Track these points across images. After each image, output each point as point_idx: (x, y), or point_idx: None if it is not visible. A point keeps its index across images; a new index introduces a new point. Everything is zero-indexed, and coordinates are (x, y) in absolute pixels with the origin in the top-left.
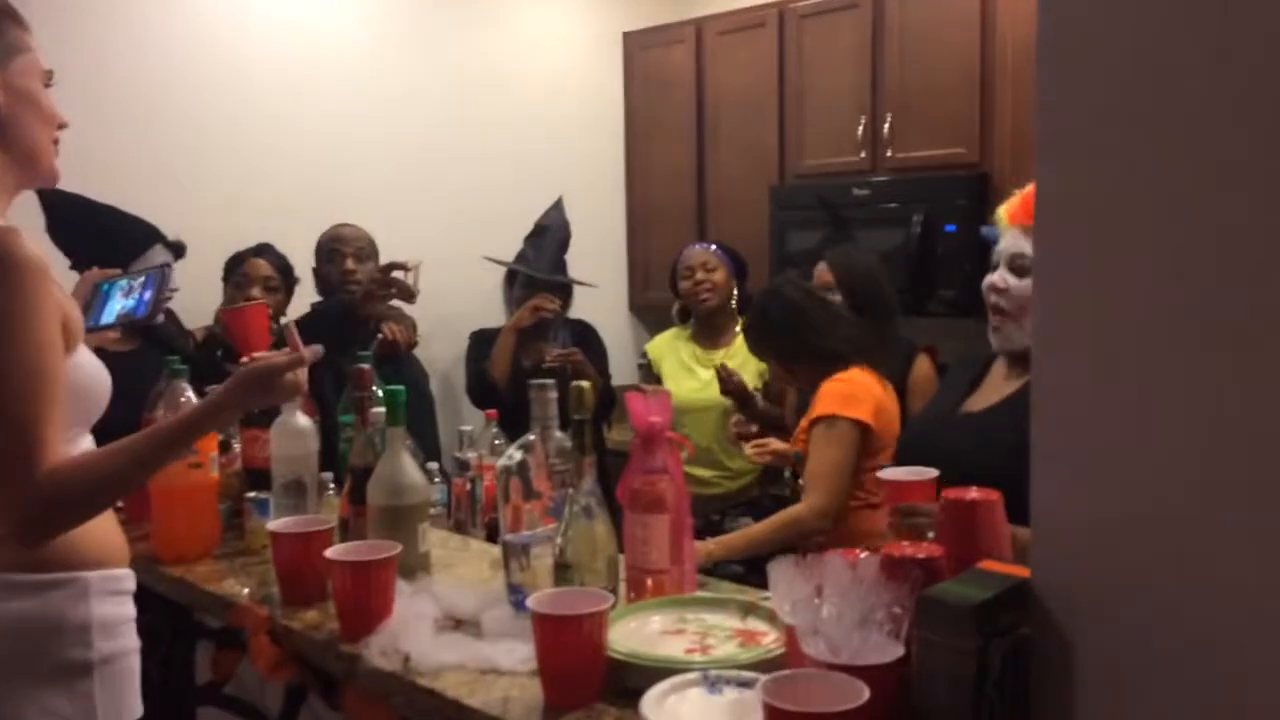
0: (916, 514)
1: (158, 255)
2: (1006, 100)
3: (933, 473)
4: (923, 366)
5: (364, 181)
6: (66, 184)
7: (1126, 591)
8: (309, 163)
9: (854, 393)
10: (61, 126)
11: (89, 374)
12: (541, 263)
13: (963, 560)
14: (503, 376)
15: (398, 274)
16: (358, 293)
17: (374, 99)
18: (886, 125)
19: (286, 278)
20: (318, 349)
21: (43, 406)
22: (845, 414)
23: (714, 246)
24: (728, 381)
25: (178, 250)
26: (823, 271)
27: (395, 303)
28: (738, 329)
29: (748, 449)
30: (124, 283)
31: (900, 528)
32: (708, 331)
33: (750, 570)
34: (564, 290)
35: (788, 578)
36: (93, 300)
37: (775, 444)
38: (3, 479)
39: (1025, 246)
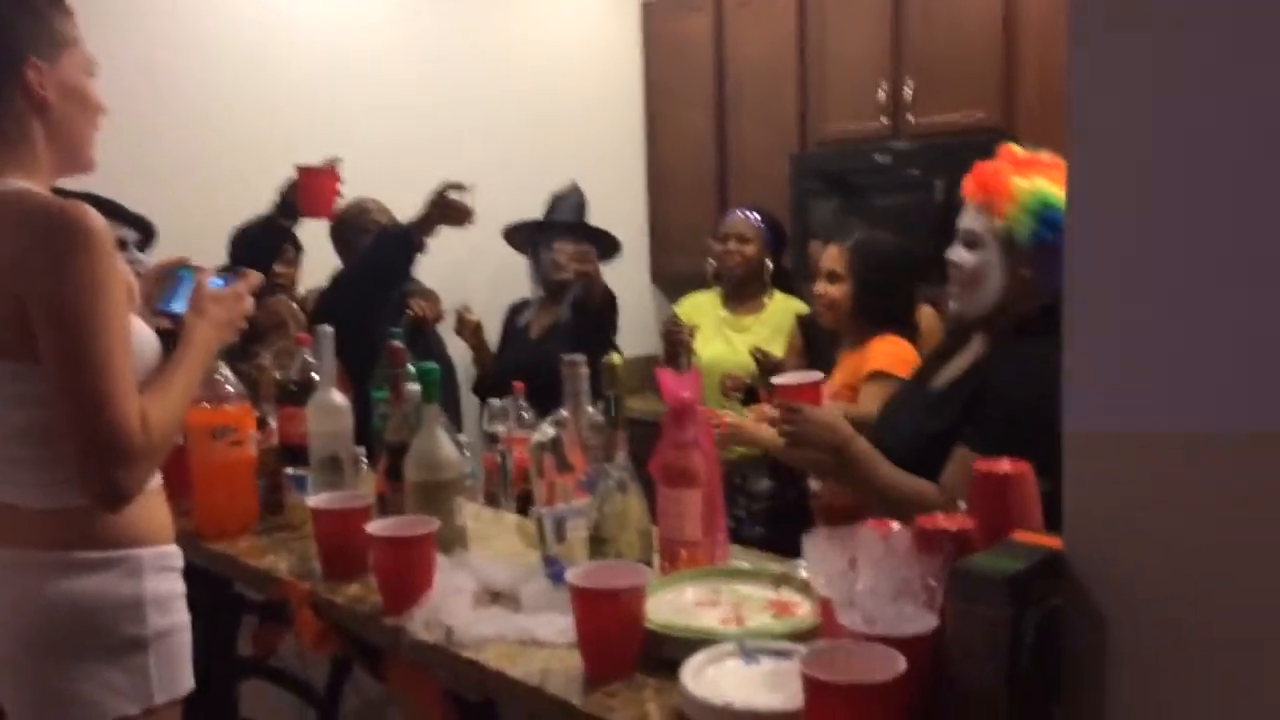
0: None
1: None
2: (1032, 61)
3: (817, 375)
4: (927, 317)
5: (379, 158)
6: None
7: (1160, 564)
8: (321, 141)
9: (905, 355)
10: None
11: (140, 340)
12: (562, 216)
13: (995, 532)
14: (488, 371)
15: (452, 194)
16: (414, 220)
17: (390, 76)
18: (908, 90)
19: (297, 250)
20: (258, 274)
21: (126, 367)
22: (901, 374)
23: (756, 216)
24: (765, 364)
25: (139, 225)
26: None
27: (441, 242)
28: (766, 299)
29: (747, 413)
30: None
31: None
32: (738, 297)
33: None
34: (598, 245)
35: (822, 551)
36: (168, 283)
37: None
38: (109, 444)
39: (975, 223)
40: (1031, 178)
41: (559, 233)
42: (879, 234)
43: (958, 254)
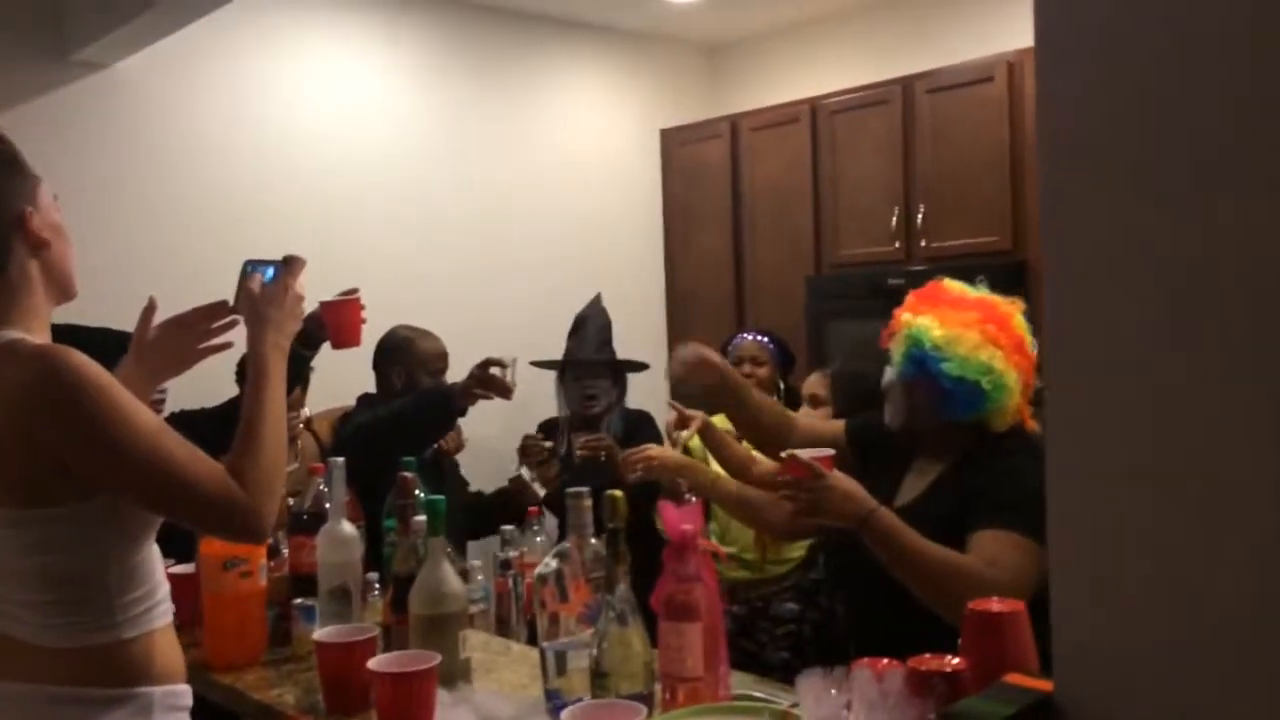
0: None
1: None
2: (1037, 185)
3: (829, 451)
4: (814, 385)
5: (404, 281)
6: (99, 288)
7: (1159, 707)
8: (348, 264)
9: None
10: None
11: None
12: (585, 350)
13: (987, 673)
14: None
15: (494, 370)
16: (457, 388)
17: (416, 201)
18: (920, 215)
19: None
20: (302, 259)
21: (178, 449)
22: None
23: (765, 338)
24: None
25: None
26: (814, 383)
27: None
28: None
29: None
30: None
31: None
32: None
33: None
34: (614, 375)
35: (816, 691)
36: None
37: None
38: (220, 520)
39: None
40: (920, 315)
41: (583, 367)
42: (862, 362)
43: (886, 369)
